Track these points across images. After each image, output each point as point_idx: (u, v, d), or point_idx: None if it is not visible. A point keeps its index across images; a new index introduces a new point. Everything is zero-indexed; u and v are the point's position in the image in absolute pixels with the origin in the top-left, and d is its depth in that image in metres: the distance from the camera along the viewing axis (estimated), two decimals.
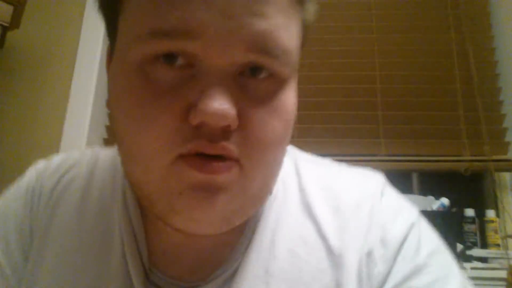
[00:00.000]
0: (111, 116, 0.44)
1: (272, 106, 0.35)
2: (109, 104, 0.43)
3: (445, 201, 1.28)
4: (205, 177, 0.33)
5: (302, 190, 0.46)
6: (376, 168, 0.59)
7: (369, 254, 0.41)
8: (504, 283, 1.16)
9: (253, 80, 0.35)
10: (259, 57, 0.33)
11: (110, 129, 1.49)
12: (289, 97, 0.37)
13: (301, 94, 1.40)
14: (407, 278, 0.40)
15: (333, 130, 1.43)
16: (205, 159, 0.33)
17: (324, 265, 0.41)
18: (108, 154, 0.50)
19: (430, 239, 0.43)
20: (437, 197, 1.31)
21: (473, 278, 1.17)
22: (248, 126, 0.34)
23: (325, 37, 1.51)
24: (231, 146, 0.33)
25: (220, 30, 0.32)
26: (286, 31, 0.35)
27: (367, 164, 1.33)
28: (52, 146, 1.38)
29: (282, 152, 0.39)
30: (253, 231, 0.43)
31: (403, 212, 0.44)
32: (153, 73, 0.34)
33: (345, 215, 0.44)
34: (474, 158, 1.35)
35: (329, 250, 0.42)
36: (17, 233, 0.46)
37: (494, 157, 1.35)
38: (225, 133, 0.33)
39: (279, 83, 0.36)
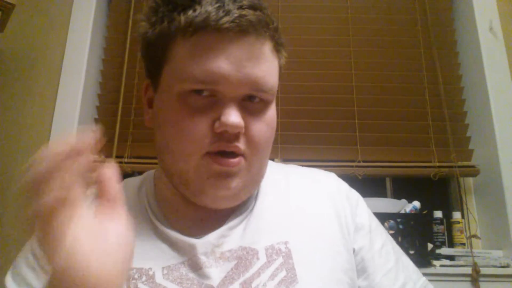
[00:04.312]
0: (155, 132, 0.57)
1: (263, 119, 0.55)
2: (155, 122, 0.58)
3: (417, 204, 1.36)
4: (223, 169, 0.52)
5: (284, 172, 0.68)
6: (353, 173, 0.66)
7: (343, 201, 0.63)
8: (469, 278, 1.26)
9: (250, 103, 0.54)
10: (256, 92, 0.53)
11: None
12: (273, 112, 0.57)
13: (285, 102, 1.47)
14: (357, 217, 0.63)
15: (314, 138, 1.50)
16: (224, 155, 0.52)
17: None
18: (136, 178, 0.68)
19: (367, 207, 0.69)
20: (409, 200, 1.40)
21: (442, 275, 1.27)
22: (250, 132, 0.53)
23: (308, 49, 1.59)
24: (240, 145, 0.52)
25: (234, 78, 0.50)
26: (270, 74, 0.54)
27: (345, 170, 1.43)
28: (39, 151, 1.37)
29: (270, 148, 0.58)
30: (257, 192, 0.62)
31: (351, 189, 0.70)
32: (189, 99, 0.52)
33: (319, 183, 0.66)
34: (441, 164, 1.46)
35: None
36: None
37: (460, 164, 1.46)
38: (237, 137, 0.52)
39: (266, 104, 0.55)
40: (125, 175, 1.40)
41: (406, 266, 0.64)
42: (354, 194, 0.67)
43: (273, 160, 1.46)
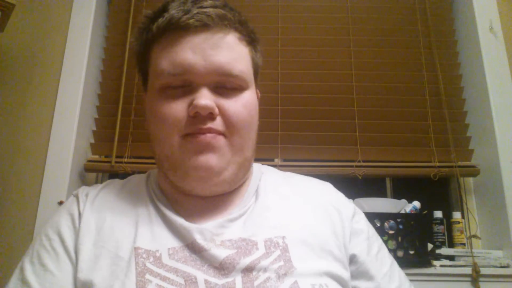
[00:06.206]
0: (147, 123, 0.65)
1: (238, 101, 0.60)
2: (146, 115, 0.66)
3: (417, 204, 1.35)
4: (202, 143, 0.57)
5: (283, 177, 0.74)
6: (353, 173, 0.64)
7: (338, 208, 0.68)
8: (469, 278, 1.26)
9: (225, 89, 0.60)
10: (224, 78, 0.59)
11: (96, 134, 1.50)
12: (249, 97, 0.63)
13: (285, 103, 1.47)
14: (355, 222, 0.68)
15: (314, 138, 1.50)
16: (201, 133, 0.57)
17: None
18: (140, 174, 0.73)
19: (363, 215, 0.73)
20: (409, 200, 1.39)
21: (442, 275, 1.26)
22: (226, 112, 0.59)
23: (308, 49, 1.59)
24: (215, 126, 0.58)
25: (200, 66, 0.58)
26: (237, 61, 0.61)
27: (345, 170, 1.42)
28: (39, 151, 1.37)
29: (250, 129, 0.63)
30: (256, 190, 0.67)
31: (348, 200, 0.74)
32: (168, 91, 0.60)
33: (317, 190, 0.71)
34: (441, 164, 1.46)
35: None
36: (67, 219, 0.62)
37: (460, 163, 1.46)
38: (211, 118, 0.58)
39: (240, 90, 0.61)
40: (125, 175, 1.41)
41: (399, 270, 0.69)
42: (351, 204, 0.72)
43: (272, 160, 1.47)
